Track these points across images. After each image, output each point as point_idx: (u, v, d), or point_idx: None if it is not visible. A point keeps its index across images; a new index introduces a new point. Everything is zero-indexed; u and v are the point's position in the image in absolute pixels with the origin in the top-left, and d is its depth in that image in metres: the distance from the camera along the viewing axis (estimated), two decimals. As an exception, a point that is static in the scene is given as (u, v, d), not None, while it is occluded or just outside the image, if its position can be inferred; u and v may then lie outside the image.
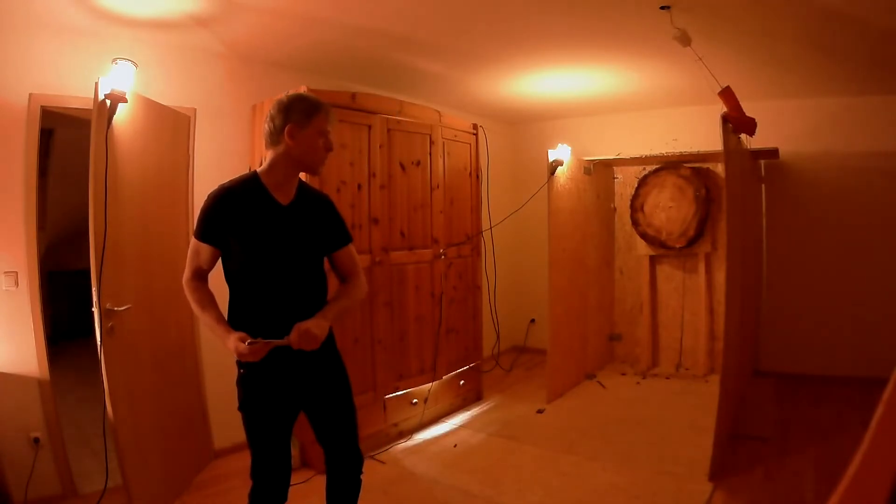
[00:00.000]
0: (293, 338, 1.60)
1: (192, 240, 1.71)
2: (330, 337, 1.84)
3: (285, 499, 1.80)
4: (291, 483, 2.71)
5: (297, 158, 1.70)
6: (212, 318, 1.68)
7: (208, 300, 1.71)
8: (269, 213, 1.69)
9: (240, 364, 1.72)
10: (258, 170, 1.74)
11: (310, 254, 1.78)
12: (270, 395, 1.74)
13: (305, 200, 1.79)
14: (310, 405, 1.84)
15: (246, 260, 1.68)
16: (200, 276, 1.74)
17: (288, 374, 1.75)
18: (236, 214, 1.66)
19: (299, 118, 1.68)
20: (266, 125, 1.72)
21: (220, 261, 1.76)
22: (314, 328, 1.63)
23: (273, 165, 1.72)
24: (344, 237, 1.88)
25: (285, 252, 1.71)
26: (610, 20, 2.72)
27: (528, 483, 2.79)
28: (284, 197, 1.73)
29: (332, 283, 1.90)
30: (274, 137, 1.70)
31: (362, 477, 1.94)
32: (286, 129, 1.67)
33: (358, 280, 1.89)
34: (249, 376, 1.73)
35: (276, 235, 1.69)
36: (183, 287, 1.74)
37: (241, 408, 1.76)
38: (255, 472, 1.77)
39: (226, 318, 1.72)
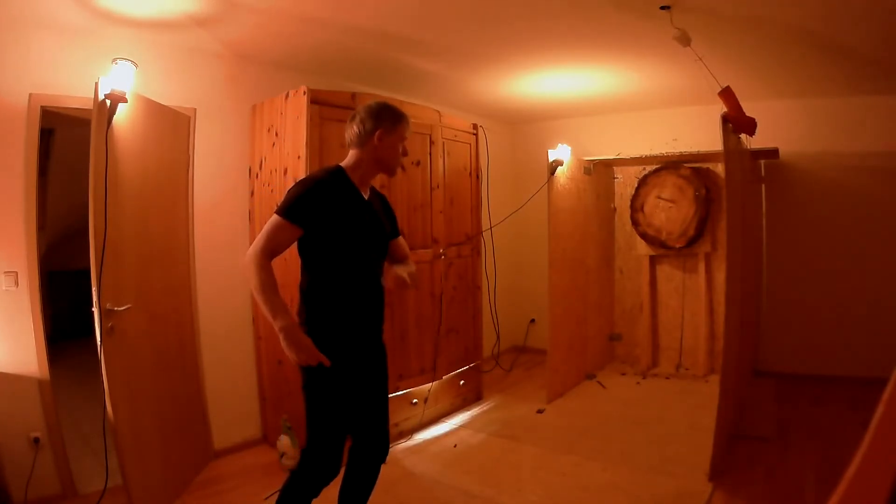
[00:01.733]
0: (403, 278, 1.90)
1: (276, 219, 1.71)
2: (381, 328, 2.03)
3: (332, 479, 1.88)
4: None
5: (380, 159, 1.87)
6: (280, 308, 1.66)
7: (276, 286, 1.69)
8: (357, 205, 1.85)
9: (316, 340, 1.74)
10: (343, 165, 1.88)
11: (384, 242, 1.98)
12: (347, 371, 1.83)
13: (375, 197, 1.99)
14: (361, 389, 1.92)
15: (336, 247, 1.80)
16: (271, 258, 1.72)
17: (359, 360, 1.88)
18: (333, 202, 1.77)
19: (389, 124, 1.85)
20: (355, 127, 1.87)
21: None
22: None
23: (358, 163, 1.88)
24: (397, 230, 2.11)
25: (370, 242, 1.88)
26: (610, 20, 2.72)
27: (527, 483, 2.79)
28: (365, 192, 1.91)
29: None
30: (363, 139, 1.85)
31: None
32: (377, 132, 1.84)
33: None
34: (328, 352, 1.75)
35: (364, 227, 1.85)
36: (249, 259, 1.69)
37: (306, 387, 1.82)
38: (314, 453, 1.82)
39: (301, 301, 1.84)
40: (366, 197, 1.91)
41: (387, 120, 1.85)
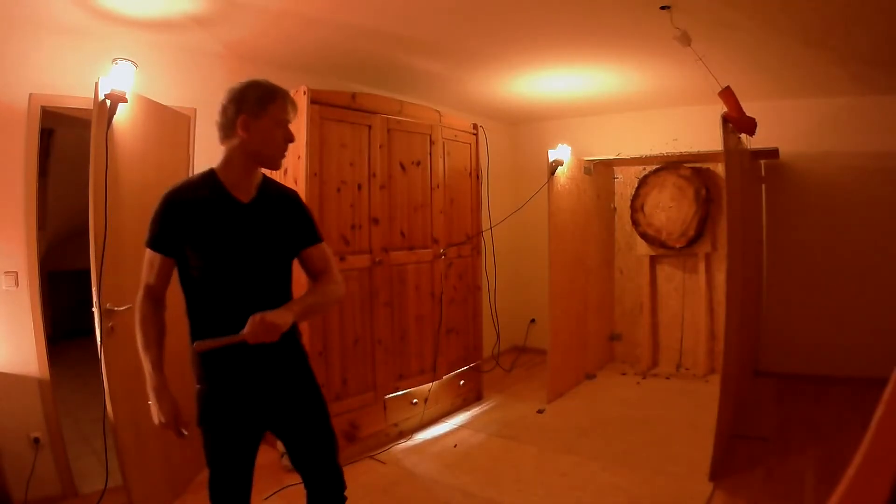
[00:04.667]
0: (248, 330, 1.40)
1: (146, 250, 1.55)
2: (301, 352, 1.71)
3: None
4: (290, 484, 2.69)
5: (253, 152, 1.54)
6: (149, 365, 1.51)
7: (154, 338, 1.53)
8: (228, 212, 1.53)
9: (198, 378, 1.59)
10: (215, 167, 1.58)
11: (275, 255, 1.61)
12: (233, 413, 1.58)
13: (269, 197, 1.62)
14: (279, 426, 1.68)
15: (205, 267, 1.51)
16: (154, 298, 1.56)
17: (253, 390, 1.59)
18: (192, 217, 1.50)
19: (253, 108, 1.51)
20: (218, 117, 1.55)
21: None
22: (273, 317, 1.42)
23: (228, 161, 1.55)
24: (313, 236, 1.70)
25: (248, 255, 1.54)
26: (610, 20, 2.72)
27: (528, 483, 2.79)
28: (244, 195, 1.57)
29: (299, 288, 1.71)
30: (227, 130, 1.53)
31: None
32: (239, 120, 1.50)
33: (331, 277, 1.70)
34: (209, 392, 1.59)
35: (237, 237, 1.53)
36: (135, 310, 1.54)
37: (200, 423, 1.60)
38: (213, 493, 1.60)
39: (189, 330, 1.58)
40: (245, 200, 1.56)
41: (251, 103, 1.51)
